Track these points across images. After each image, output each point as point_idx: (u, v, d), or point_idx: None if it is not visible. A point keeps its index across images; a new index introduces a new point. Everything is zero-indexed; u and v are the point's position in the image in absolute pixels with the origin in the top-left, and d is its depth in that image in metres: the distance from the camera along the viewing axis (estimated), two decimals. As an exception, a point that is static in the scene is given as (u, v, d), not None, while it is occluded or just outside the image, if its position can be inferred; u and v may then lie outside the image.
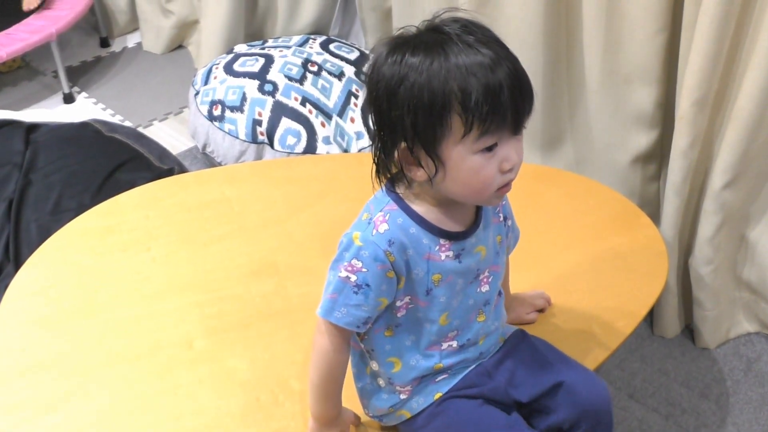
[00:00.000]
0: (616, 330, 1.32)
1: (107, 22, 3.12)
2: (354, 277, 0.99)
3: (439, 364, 1.09)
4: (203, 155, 2.36)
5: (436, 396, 1.10)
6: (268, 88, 2.22)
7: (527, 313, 1.33)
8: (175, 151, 2.42)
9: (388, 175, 1.01)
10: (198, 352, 1.30)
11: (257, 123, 2.18)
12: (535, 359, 1.14)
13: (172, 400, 1.22)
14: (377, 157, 1.00)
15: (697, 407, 1.68)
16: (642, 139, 1.83)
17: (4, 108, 2.59)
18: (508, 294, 1.26)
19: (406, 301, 1.04)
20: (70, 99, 2.76)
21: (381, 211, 1.00)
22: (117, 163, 2.05)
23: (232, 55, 2.38)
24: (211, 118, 2.24)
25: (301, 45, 2.40)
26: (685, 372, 1.76)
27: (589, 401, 1.11)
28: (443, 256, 1.02)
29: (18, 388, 1.23)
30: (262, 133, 2.18)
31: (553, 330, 1.32)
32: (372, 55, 0.98)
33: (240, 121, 2.19)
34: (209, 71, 2.35)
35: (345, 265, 0.99)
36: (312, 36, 2.49)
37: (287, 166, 1.84)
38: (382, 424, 1.16)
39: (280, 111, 2.19)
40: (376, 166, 1.01)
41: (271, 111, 2.19)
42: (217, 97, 2.25)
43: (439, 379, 1.11)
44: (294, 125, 2.18)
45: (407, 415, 1.12)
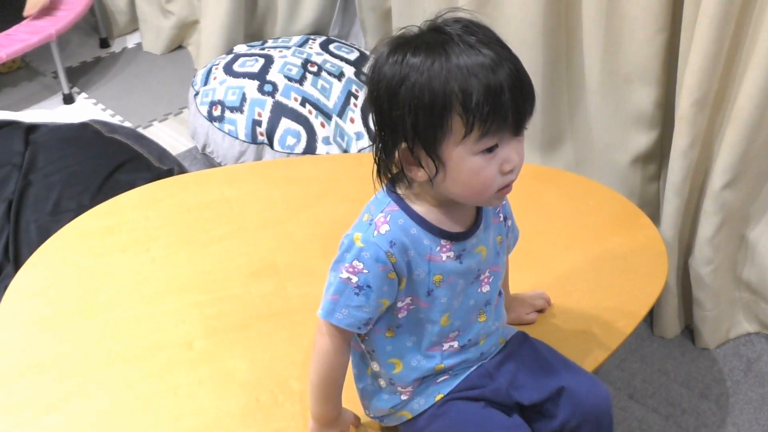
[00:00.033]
0: (616, 330, 1.32)
1: (107, 23, 3.12)
2: (355, 279, 0.99)
3: (440, 365, 1.09)
4: (203, 156, 2.36)
5: (438, 397, 1.10)
6: (268, 88, 2.22)
7: (527, 313, 1.33)
8: (175, 152, 2.42)
9: (388, 175, 1.01)
10: (198, 353, 1.29)
11: (257, 123, 2.18)
12: (536, 362, 1.14)
13: (171, 401, 1.22)
14: (378, 158, 1.00)
15: (697, 407, 1.68)
16: (642, 139, 1.83)
17: (3, 108, 2.59)
18: (507, 294, 1.26)
19: (407, 302, 1.04)
20: (69, 99, 2.76)
21: (382, 212, 1.00)
22: (117, 163, 2.05)
23: (231, 56, 2.38)
24: (210, 118, 2.24)
25: (301, 45, 2.40)
26: (685, 372, 1.76)
27: (590, 406, 1.10)
28: (444, 257, 1.02)
29: (18, 389, 1.23)
30: (262, 134, 2.18)
31: (553, 330, 1.32)
32: (373, 54, 0.98)
33: (240, 122, 2.19)
34: (209, 72, 2.35)
35: (346, 266, 0.99)
36: (312, 36, 2.49)
37: (287, 166, 1.84)
38: (382, 425, 1.16)
39: (280, 111, 2.19)
40: (377, 166, 1.01)
41: (271, 111, 2.19)
42: (216, 97, 2.25)
43: (440, 380, 1.11)
44: (294, 126, 2.17)
45: (408, 416, 1.12)
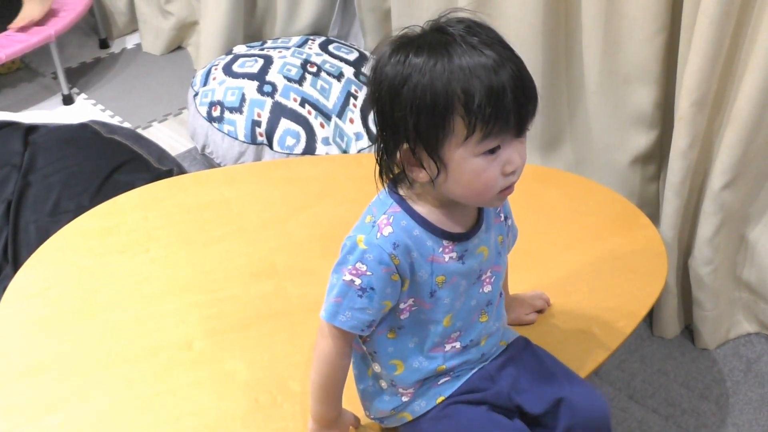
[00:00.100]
0: (616, 330, 1.31)
1: (106, 24, 3.12)
2: (358, 281, 0.98)
3: (441, 366, 1.09)
4: (202, 156, 2.35)
5: (439, 399, 1.10)
6: (267, 89, 2.22)
7: (526, 313, 1.32)
8: (174, 152, 2.42)
9: (390, 175, 1.01)
10: (197, 353, 1.29)
11: (256, 124, 2.18)
12: (538, 368, 1.14)
13: (171, 401, 1.21)
14: (379, 158, 0.99)
15: (697, 408, 1.68)
16: (641, 139, 1.83)
17: (3, 109, 2.59)
18: (507, 295, 1.26)
19: (410, 303, 1.04)
20: (69, 100, 2.76)
21: (385, 213, 1.00)
22: (116, 164, 2.05)
23: (231, 56, 2.38)
24: (210, 119, 2.24)
25: (300, 46, 2.40)
26: (685, 372, 1.76)
27: (589, 418, 1.10)
28: (447, 258, 1.02)
29: (17, 390, 1.23)
30: (261, 134, 2.18)
31: (553, 330, 1.32)
32: (375, 54, 0.97)
33: (239, 122, 2.19)
34: (208, 72, 2.35)
35: (349, 268, 0.99)
36: (311, 37, 2.49)
37: (286, 167, 1.84)
38: (382, 426, 1.16)
39: (279, 112, 2.19)
40: (379, 166, 1.00)
41: (270, 112, 2.19)
42: (216, 98, 2.25)
43: (441, 381, 1.10)
44: (293, 126, 2.17)
45: (409, 418, 1.12)
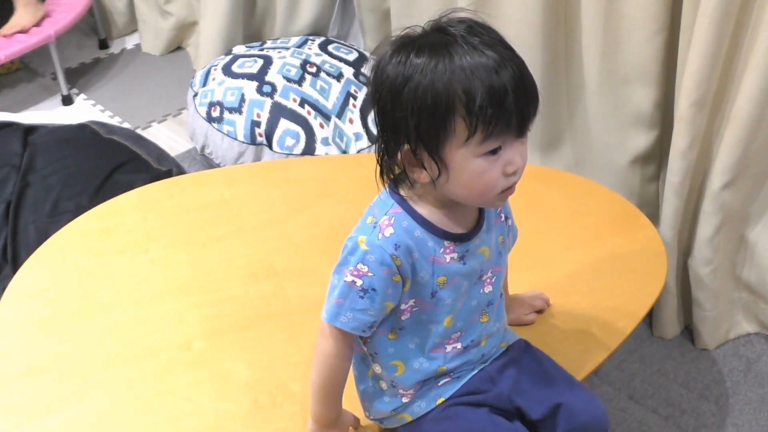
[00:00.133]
0: (616, 330, 1.31)
1: (106, 24, 3.11)
2: (360, 282, 0.98)
3: (442, 367, 1.08)
4: (202, 156, 2.35)
5: (439, 401, 1.10)
6: (267, 89, 2.22)
7: (526, 314, 1.32)
8: (174, 153, 2.42)
9: (391, 176, 1.01)
10: (197, 354, 1.29)
11: (256, 124, 2.18)
12: (538, 371, 1.14)
13: (171, 402, 1.21)
14: (380, 158, 0.99)
15: (697, 408, 1.68)
16: (641, 139, 1.83)
17: (2, 110, 2.59)
18: (506, 295, 1.26)
19: (411, 304, 1.03)
20: (68, 101, 2.76)
21: (386, 214, 1.00)
22: (115, 164, 2.05)
23: (230, 57, 2.38)
24: (209, 119, 2.24)
25: (300, 46, 2.40)
26: (685, 373, 1.76)
27: (587, 424, 1.10)
28: (448, 258, 1.02)
29: (17, 390, 1.23)
30: (261, 135, 2.18)
31: (553, 330, 1.31)
32: (376, 54, 0.97)
33: (238, 123, 2.19)
34: (208, 72, 2.35)
35: (351, 269, 0.99)
36: (311, 37, 2.49)
37: (286, 167, 1.84)
38: (382, 427, 1.16)
39: (279, 112, 2.19)
40: (380, 167, 1.00)
41: (270, 112, 2.19)
42: (215, 98, 2.25)
43: (441, 382, 1.10)
44: (292, 126, 2.17)
45: (408, 419, 1.12)
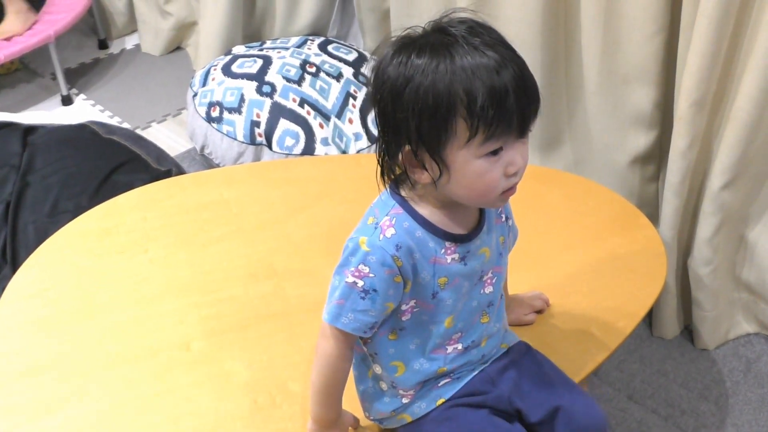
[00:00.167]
0: (615, 330, 1.31)
1: (105, 24, 3.11)
2: (361, 283, 0.98)
3: (443, 368, 1.08)
4: (201, 157, 2.35)
5: (439, 402, 1.10)
6: (266, 89, 2.22)
7: (525, 314, 1.32)
8: (173, 153, 2.42)
9: (392, 176, 1.01)
10: (196, 354, 1.29)
11: (255, 124, 2.18)
12: (538, 374, 1.13)
13: (170, 402, 1.21)
14: (381, 159, 0.99)
15: (697, 408, 1.68)
16: (641, 139, 1.83)
17: (2, 110, 2.59)
18: (506, 295, 1.26)
19: (412, 304, 1.03)
20: (68, 101, 2.76)
21: (387, 215, 1.00)
22: (115, 164, 2.05)
23: (230, 57, 2.38)
24: (209, 119, 2.24)
25: (300, 46, 2.40)
26: (685, 373, 1.76)
27: (586, 428, 1.10)
28: (449, 259, 1.02)
29: (17, 390, 1.23)
30: (260, 135, 2.18)
31: (552, 331, 1.31)
32: (377, 54, 0.97)
33: (238, 123, 2.19)
34: (207, 73, 2.35)
35: (352, 270, 0.99)
36: (310, 37, 2.49)
37: (285, 167, 1.84)
38: (382, 427, 1.16)
39: (278, 112, 2.18)
40: (381, 167, 1.00)
41: (269, 112, 2.19)
42: (215, 98, 2.25)
43: (442, 383, 1.10)
44: (292, 126, 2.17)
45: (408, 419, 1.12)
